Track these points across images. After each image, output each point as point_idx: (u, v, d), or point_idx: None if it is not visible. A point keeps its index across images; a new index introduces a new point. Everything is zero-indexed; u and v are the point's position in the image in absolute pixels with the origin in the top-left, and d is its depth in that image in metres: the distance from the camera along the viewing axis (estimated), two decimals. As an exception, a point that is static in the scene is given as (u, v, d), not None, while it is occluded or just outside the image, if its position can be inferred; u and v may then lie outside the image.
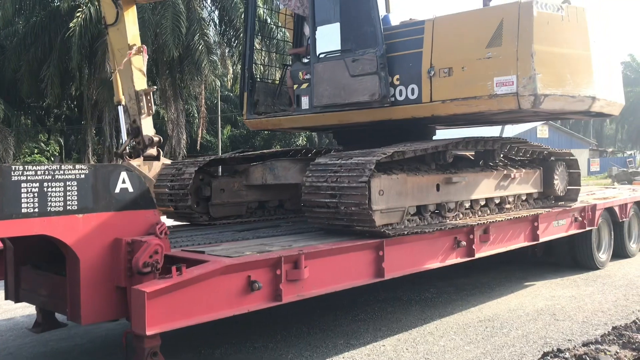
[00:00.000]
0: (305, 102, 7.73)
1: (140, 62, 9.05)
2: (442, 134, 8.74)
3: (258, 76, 9.27)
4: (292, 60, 8.92)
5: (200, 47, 22.76)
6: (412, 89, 6.95)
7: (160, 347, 4.45)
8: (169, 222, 7.88)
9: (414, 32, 7.04)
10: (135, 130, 9.02)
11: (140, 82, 9.05)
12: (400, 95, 7.05)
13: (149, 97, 8.97)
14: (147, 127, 8.95)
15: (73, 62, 21.50)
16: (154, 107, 9.22)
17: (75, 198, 4.63)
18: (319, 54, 7.52)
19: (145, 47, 9.33)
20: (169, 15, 21.54)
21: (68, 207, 4.59)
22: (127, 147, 9.05)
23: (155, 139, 8.93)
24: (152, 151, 8.82)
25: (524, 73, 6.29)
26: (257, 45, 20.94)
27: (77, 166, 4.73)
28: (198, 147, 30.62)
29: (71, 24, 21.10)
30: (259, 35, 21.46)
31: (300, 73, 7.87)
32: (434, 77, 6.78)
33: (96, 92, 23.35)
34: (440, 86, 6.76)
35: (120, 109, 9.26)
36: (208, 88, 28.19)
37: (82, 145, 26.26)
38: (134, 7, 9.22)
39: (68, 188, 4.60)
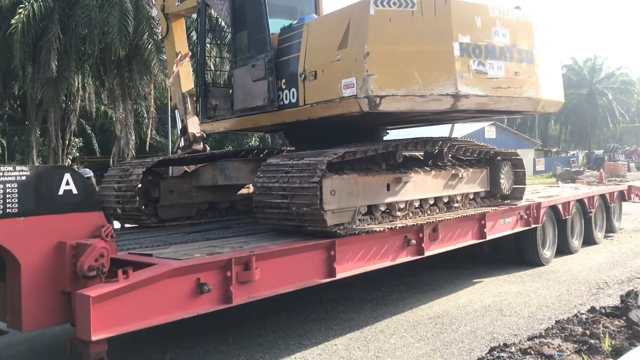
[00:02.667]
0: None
1: (187, 67, 9.65)
2: (393, 134, 8.85)
3: (214, 81, 9.55)
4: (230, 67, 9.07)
5: (149, 47, 22.33)
6: (293, 93, 6.91)
7: (107, 353, 4.34)
8: (116, 224, 7.72)
9: (297, 36, 6.98)
10: (183, 129, 9.45)
11: (186, 85, 9.50)
12: (286, 99, 7.02)
13: (193, 98, 9.40)
14: (193, 125, 9.36)
15: (15, 61, 20.75)
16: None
17: (16, 201, 4.48)
18: (236, 60, 7.63)
19: (190, 53, 9.93)
20: (115, 13, 21.04)
21: (8, 210, 4.43)
22: (179, 145, 9.67)
23: (198, 135, 9.35)
24: (198, 147, 9.31)
25: (360, 75, 6.05)
26: (208, 45, 20.69)
27: (18, 167, 4.57)
28: (147, 148, 30.03)
29: (13, 21, 20.37)
30: (209, 35, 21.23)
31: (232, 78, 7.93)
32: (305, 81, 6.71)
33: (41, 92, 22.57)
34: (309, 89, 6.69)
35: (177, 112, 9.85)
36: (158, 87, 27.64)
37: (27, 146, 25.30)
38: (182, 20, 9.76)
39: (8, 190, 4.44)
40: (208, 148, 9.78)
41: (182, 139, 9.51)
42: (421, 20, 6.23)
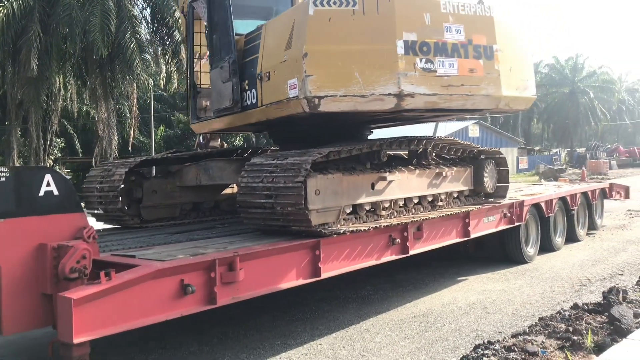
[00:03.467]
0: None
1: (205, 67, 9.75)
2: (377, 133, 8.85)
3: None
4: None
5: (132, 46, 22.12)
6: (254, 94, 6.92)
7: (89, 355, 4.28)
8: (98, 225, 7.65)
9: (257, 37, 6.97)
10: None
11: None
12: (249, 99, 7.03)
13: None
14: None
15: (-5, 60, 20.51)
16: None
17: (-5, 202, 4.40)
18: (212, 62, 7.73)
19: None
20: (97, 12, 20.81)
21: (-13, 212, 4.36)
22: (198, 141, 10.06)
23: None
24: (216, 143, 9.63)
25: (300, 76, 6.00)
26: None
27: (-3, 168, 4.50)
28: (130, 148, 29.77)
29: (-9, 20, 20.08)
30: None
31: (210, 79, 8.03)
32: (262, 82, 6.70)
33: (21, 92, 22.26)
34: (265, 90, 6.69)
35: None
36: (141, 87, 27.41)
37: (7, 147, 24.93)
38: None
39: (-13, 191, 4.37)
40: (225, 145, 9.97)
41: (200, 136, 9.69)
42: (363, 19, 6.13)
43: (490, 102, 7.01)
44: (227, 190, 8.77)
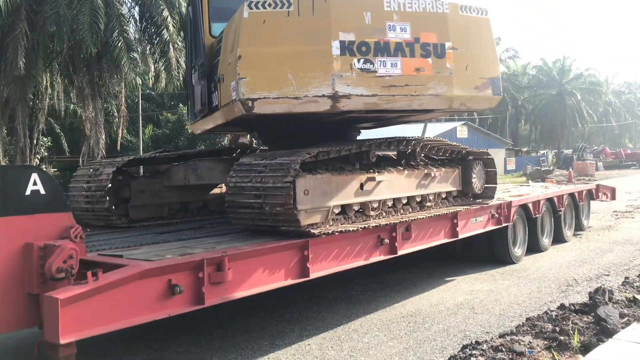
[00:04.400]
0: None
1: None
2: (366, 134, 8.85)
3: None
4: None
5: (119, 44, 21.94)
6: (217, 96, 6.95)
7: (76, 356, 4.25)
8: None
9: (221, 40, 6.96)
10: None
11: None
12: (214, 101, 7.09)
13: None
14: None
15: (-20, 58, 20.30)
16: None
17: (-19, 201, 4.36)
18: (192, 65, 7.78)
19: None
20: (86, 10, 20.58)
21: (-28, 211, 4.31)
22: (229, 139, 10.25)
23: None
24: (245, 140, 9.54)
25: (235, 78, 5.99)
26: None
27: (-17, 167, 4.45)
28: (118, 148, 29.58)
29: (-23, 17, 19.87)
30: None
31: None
32: (220, 84, 6.74)
33: (7, 90, 22.05)
34: (222, 93, 6.73)
35: None
36: (128, 86, 27.25)
37: (-8, 146, 24.76)
38: None
39: (-27, 191, 4.32)
40: (254, 142, 10.01)
41: (230, 133, 9.86)
42: (298, 20, 6.03)
43: (442, 102, 6.77)
44: (216, 190, 8.74)
